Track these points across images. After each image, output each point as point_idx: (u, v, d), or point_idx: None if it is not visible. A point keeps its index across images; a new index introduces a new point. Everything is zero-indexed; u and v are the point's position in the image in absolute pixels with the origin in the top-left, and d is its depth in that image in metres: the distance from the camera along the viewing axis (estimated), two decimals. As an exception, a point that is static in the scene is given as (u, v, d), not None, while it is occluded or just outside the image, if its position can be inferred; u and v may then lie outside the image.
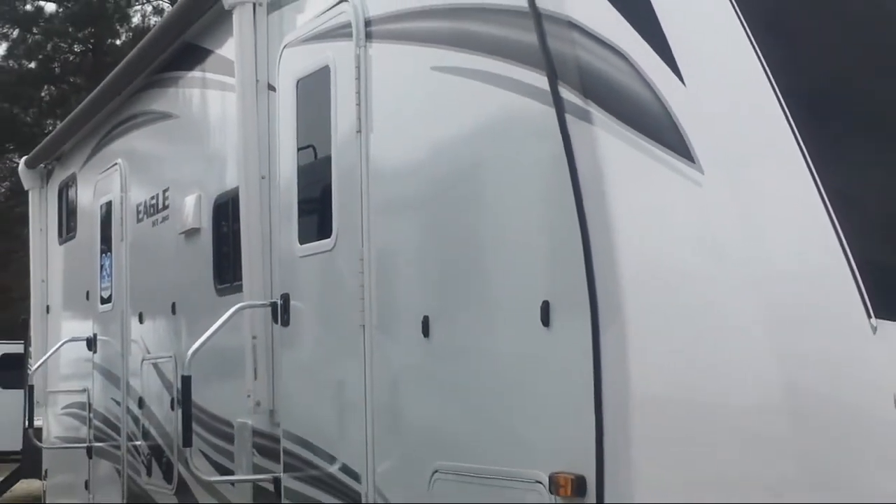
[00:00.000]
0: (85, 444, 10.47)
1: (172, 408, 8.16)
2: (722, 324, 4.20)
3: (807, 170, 4.31)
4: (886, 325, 4.20)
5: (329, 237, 6.03)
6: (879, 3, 4.71)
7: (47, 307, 12.14)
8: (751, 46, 4.46)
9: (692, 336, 4.18)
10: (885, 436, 4.15)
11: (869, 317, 4.19)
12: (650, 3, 4.46)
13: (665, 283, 4.20)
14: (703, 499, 4.05)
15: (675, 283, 4.20)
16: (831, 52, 4.65)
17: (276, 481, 6.56)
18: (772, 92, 4.40)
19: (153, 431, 8.79)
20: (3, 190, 48.61)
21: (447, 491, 5.04)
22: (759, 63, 4.44)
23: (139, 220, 9.27)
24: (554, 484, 4.28)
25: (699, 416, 4.12)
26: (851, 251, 4.23)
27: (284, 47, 6.58)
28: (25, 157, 13.10)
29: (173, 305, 8.46)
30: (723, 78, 4.43)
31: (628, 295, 4.13)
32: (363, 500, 5.66)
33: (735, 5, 4.51)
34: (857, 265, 4.22)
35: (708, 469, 4.09)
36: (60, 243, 11.81)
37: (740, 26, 4.49)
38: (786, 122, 4.36)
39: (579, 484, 4.18)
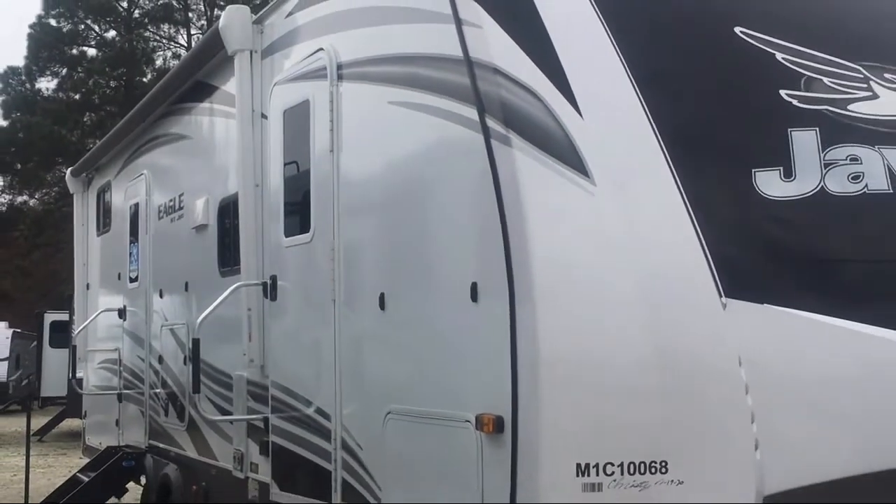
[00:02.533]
0: (116, 391, 10.40)
1: (185, 363, 8.12)
2: (608, 301, 4.22)
3: (673, 183, 4.34)
4: (733, 303, 4.23)
5: (308, 232, 6.01)
6: (733, 53, 4.74)
7: (87, 285, 12.03)
8: (633, 89, 4.49)
9: (586, 310, 4.21)
10: (731, 387, 4.19)
11: (720, 296, 4.23)
12: (557, 55, 4.48)
13: (565, 269, 4.23)
14: (591, 433, 4.09)
15: (573, 269, 4.22)
16: (695, 93, 4.69)
17: (266, 420, 6.54)
18: (648, 123, 4.42)
19: (170, 381, 8.74)
20: (53, 193, 48.16)
21: (398, 428, 5.05)
22: (639, 102, 4.47)
23: (160, 218, 9.21)
24: (479, 422, 4.29)
25: (590, 371, 4.15)
26: (707, 245, 4.26)
27: (274, 85, 6.55)
28: (71, 168, 12.98)
29: (186, 284, 8.41)
30: (611, 112, 4.45)
31: (537, 278, 4.15)
32: (332, 437, 5.65)
33: (623, 60, 4.54)
34: (711, 256, 4.25)
35: (596, 411, 4.12)
36: (98, 235, 11.71)
37: (626, 74, 4.52)
38: (658, 146, 4.39)
39: (499, 423, 4.19)
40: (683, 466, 4.10)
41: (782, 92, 4.66)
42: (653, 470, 4.07)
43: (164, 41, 54.18)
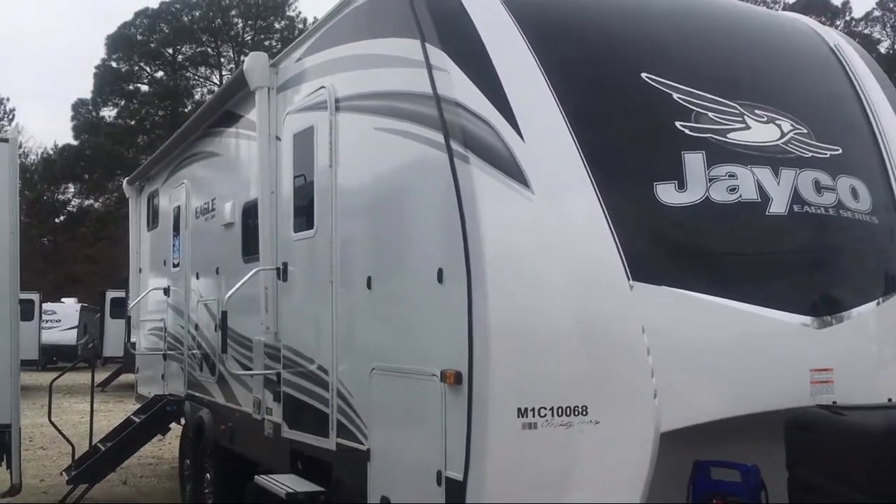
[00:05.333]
0: (162, 352, 10.33)
1: (215, 330, 8.06)
2: (543, 284, 4.23)
3: (594, 192, 4.35)
4: (638, 285, 4.25)
5: (312, 229, 5.98)
6: (639, 93, 4.77)
7: (140, 269, 11.93)
8: (563, 120, 4.50)
9: (525, 290, 4.21)
10: (636, 349, 4.21)
11: (628, 280, 4.25)
12: (505, 93, 4.47)
13: (510, 259, 4.22)
14: (529, 384, 4.10)
15: (516, 259, 4.22)
16: (610, 123, 4.70)
17: (278, 374, 6.51)
18: (574, 146, 4.43)
19: (204, 344, 8.68)
20: (113, 198, 47.81)
21: (380, 380, 5.05)
22: (568, 130, 4.47)
23: (197, 217, 9.14)
24: (443, 376, 4.30)
25: (529, 337, 4.15)
26: (619, 241, 4.27)
27: (286, 114, 6.51)
28: (127, 178, 12.86)
29: (217, 268, 8.36)
30: (546, 137, 4.44)
31: (488, 265, 4.15)
32: (330, 388, 5.64)
33: (556, 98, 4.54)
34: (622, 249, 4.26)
35: (533, 368, 4.13)
36: (148, 231, 11.61)
37: (558, 108, 4.52)
38: (582, 164, 4.39)
39: (458, 376, 4.20)
40: (599, 410, 4.12)
41: (677, 123, 4.68)
42: (576, 412, 4.09)
43: (201, 80, 53.91)
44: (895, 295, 4.89)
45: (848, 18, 52.81)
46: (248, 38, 53.07)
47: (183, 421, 9.73)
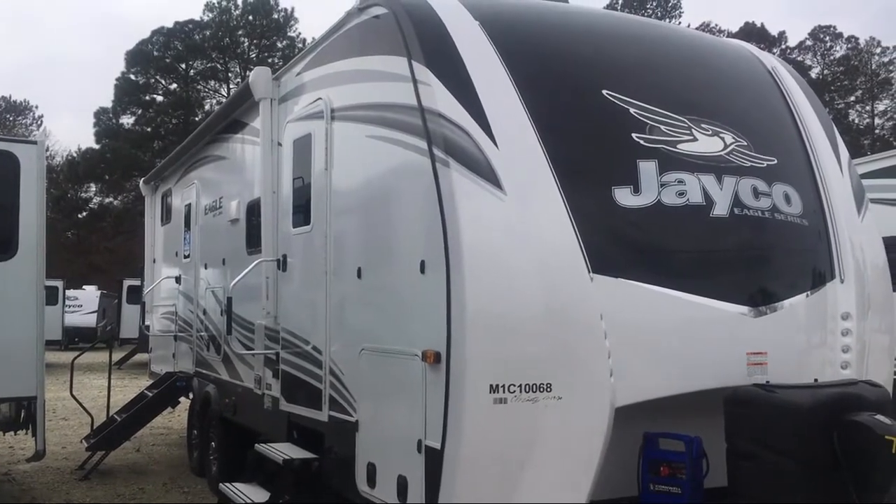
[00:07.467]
0: (173, 334, 10.26)
1: (221, 314, 8.03)
2: (513, 275, 4.21)
3: (559, 194, 4.34)
4: (598, 277, 4.26)
5: (309, 225, 5.95)
6: (601, 107, 4.77)
7: (154, 260, 11.84)
8: (533, 130, 4.49)
9: (498, 281, 4.19)
10: (594, 334, 4.20)
11: (589, 272, 4.25)
12: (482, 105, 4.47)
13: (485, 252, 4.20)
14: (500, 364, 4.10)
15: (490, 252, 4.20)
16: (575, 133, 4.70)
17: (277, 354, 6.49)
18: (542, 153, 4.42)
19: (210, 327, 8.63)
20: (131, 196, 47.41)
21: (368, 360, 5.04)
22: (537, 138, 4.47)
23: (206, 214, 9.08)
24: (424, 356, 4.30)
25: (500, 322, 4.14)
26: (581, 238, 4.28)
27: (287, 122, 6.48)
28: (143, 178, 12.76)
29: (223, 259, 8.31)
30: (517, 145, 4.42)
31: (465, 258, 4.14)
32: (323, 366, 5.62)
33: (527, 110, 4.53)
34: (583, 245, 4.27)
35: (504, 349, 4.12)
36: (162, 226, 11.52)
37: (528, 119, 4.51)
38: (549, 169, 4.39)
39: (437, 356, 4.20)
40: (562, 387, 4.13)
41: (633, 134, 4.69)
42: (541, 389, 4.10)
43: (210, 92, 53.60)
44: (822, 288, 4.94)
45: (784, 46, 53.31)
46: (254, 55, 52.86)
47: (191, 395, 9.67)
